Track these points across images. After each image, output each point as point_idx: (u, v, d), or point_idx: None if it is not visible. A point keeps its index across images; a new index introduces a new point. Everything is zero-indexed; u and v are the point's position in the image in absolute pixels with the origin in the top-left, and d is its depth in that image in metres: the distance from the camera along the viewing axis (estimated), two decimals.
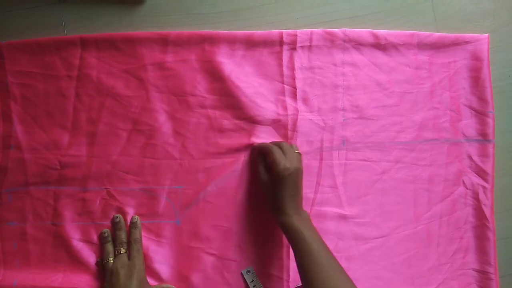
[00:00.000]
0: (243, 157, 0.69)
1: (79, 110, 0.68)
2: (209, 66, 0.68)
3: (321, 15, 0.71)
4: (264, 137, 0.69)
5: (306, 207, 0.69)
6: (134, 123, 0.68)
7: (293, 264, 0.68)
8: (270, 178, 0.63)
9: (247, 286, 0.67)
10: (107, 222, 0.67)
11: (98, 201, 0.68)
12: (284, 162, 0.61)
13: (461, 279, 0.71)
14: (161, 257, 0.67)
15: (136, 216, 0.67)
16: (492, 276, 0.70)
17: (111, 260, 0.64)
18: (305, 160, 0.69)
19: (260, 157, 0.66)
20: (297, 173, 0.62)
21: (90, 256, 0.67)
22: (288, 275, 0.67)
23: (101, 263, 0.66)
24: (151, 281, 0.66)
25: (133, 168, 0.68)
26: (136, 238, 0.65)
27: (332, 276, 0.55)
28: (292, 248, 0.59)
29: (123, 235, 0.66)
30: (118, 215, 0.67)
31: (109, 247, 0.66)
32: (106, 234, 0.66)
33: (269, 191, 0.63)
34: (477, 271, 0.71)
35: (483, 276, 0.71)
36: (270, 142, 0.66)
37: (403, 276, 0.70)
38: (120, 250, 0.64)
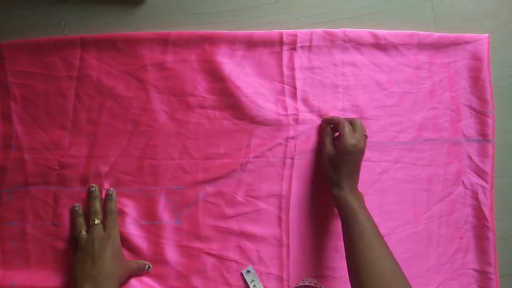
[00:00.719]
0: (242, 157, 0.69)
1: (79, 111, 0.68)
2: (209, 66, 0.68)
3: (321, 15, 0.71)
4: (264, 137, 0.69)
5: (305, 207, 0.69)
6: (134, 124, 0.68)
7: (293, 264, 0.68)
8: (335, 151, 0.63)
9: (247, 286, 0.67)
10: None
11: None
12: (352, 139, 0.61)
13: (461, 279, 0.71)
14: (161, 257, 0.67)
15: (112, 188, 0.66)
16: (492, 276, 0.70)
17: (83, 232, 0.63)
18: (304, 160, 0.69)
19: (329, 129, 0.67)
20: (361, 153, 0.62)
21: None
22: (288, 275, 0.67)
23: (79, 211, 0.65)
24: (155, 280, 0.66)
25: (132, 169, 0.68)
26: (111, 210, 0.65)
27: (384, 257, 0.55)
28: (343, 224, 0.60)
29: (97, 204, 0.65)
30: (94, 184, 0.66)
31: (81, 220, 0.65)
32: (77, 208, 0.66)
33: (331, 164, 0.63)
34: (477, 271, 0.71)
35: (483, 276, 0.71)
36: (344, 118, 0.66)
37: None
38: (94, 220, 0.64)
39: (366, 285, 0.53)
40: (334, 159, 0.63)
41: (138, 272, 0.65)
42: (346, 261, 0.58)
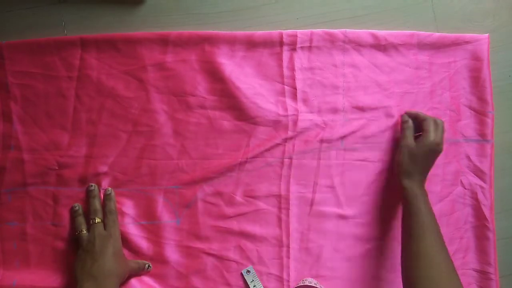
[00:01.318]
0: (241, 158, 0.68)
1: (79, 111, 0.68)
2: (209, 66, 0.68)
3: (321, 15, 0.71)
4: (263, 138, 0.69)
5: (305, 206, 0.69)
6: (134, 124, 0.68)
7: (293, 264, 0.68)
8: (415, 144, 0.64)
9: (247, 286, 0.67)
10: None
11: None
12: (436, 138, 0.63)
13: (461, 279, 0.71)
14: (161, 257, 0.67)
15: (110, 188, 0.66)
16: (492, 276, 0.70)
17: (84, 231, 0.63)
18: (303, 160, 0.69)
19: (411, 122, 0.67)
20: (440, 154, 0.65)
21: None
22: (288, 275, 0.68)
23: (78, 211, 0.65)
24: (155, 279, 0.66)
25: (131, 169, 0.68)
26: (111, 209, 0.65)
27: (440, 251, 0.58)
28: (407, 216, 0.61)
29: (97, 203, 0.65)
30: (93, 184, 0.66)
31: (81, 219, 0.65)
32: (77, 208, 0.66)
33: (409, 155, 0.64)
34: (477, 271, 0.71)
35: (483, 276, 0.71)
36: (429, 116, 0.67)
37: None
38: (95, 219, 0.64)
39: (422, 279, 0.55)
40: (415, 152, 0.64)
41: (139, 272, 0.66)
42: (402, 252, 0.60)
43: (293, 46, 0.69)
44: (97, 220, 0.64)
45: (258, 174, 0.69)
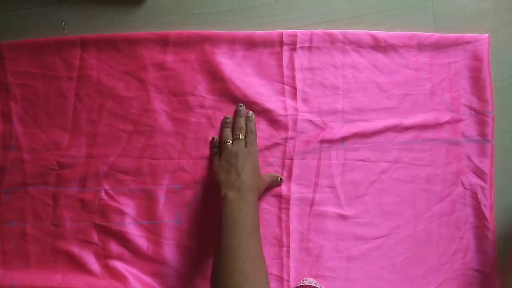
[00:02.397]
0: None
1: (79, 111, 0.68)
2: (209, 66, 0.68)
3: (321, 15, 0.71)
4: (263, 137, 0.69)
5: (305, 206, 0.69)
6: (134, 124, 0.68)
7: (293, 264, 0.68)
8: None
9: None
10: (107, 223, 0.67)
11: (96, 202, 0.68)
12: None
13: (461, 279, 0.71)
14: (161, 257, 0.67)
15: (251, 111, 0.69)
16: (492, 276, 0.70)
17: (230, 142, 0.66)
18: (303, 160, 0.69)
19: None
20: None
21: (89, 256, 0.67)
22: (288, 275, 0.67)
23: (216, 143, 0.68)
24: (155, 279, 0.66)
25: (131, 168, 0.68)
26: (252, 129, 0.67)
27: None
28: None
29: (242, 122, 0.68)
30: (241, 104, 0.69)
31: (229, 131, 0.68)
32: (228, 120, 0.69)
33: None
34: (477, 271, 0.71)
35: (483, 276, 0.71)
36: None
37: (403, 276, 0.70)
38: (239, 135, 0.66)
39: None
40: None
41: (273, 185, 0.68)
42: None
43: (293, 46, 0.69)
44: (241, 136, 0.66)
45: None
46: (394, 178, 0.71)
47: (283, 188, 0.69)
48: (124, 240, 0.67)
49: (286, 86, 0.70)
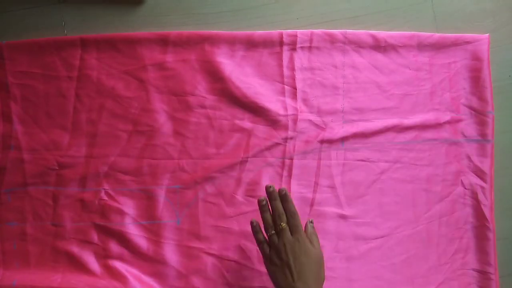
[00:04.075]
0: (241, 157, 0.68)
1: (79, 111, 0.68)
2: (209, 66, 0.68)
3: (321, 15, 0.71)
4: (263, 137, 0.69)
5: (305, 207, 0.69)
6: (134, 124, 0.68)
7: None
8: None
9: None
10: (107, 223, 0.67)
11: (96, 202, 0.68)
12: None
13: (461, 279, 0.71)
14: (161, 257, 0.67)
15: (284, 188, 0.60)
16: (492, 276, 0.70)
17: (273, 233, 0.59)
18: (303, 160, 0.69)
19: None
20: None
21: (89, 256, 0.67)
22: None
23: (257, 227, 0.61)
24: (155, 279, 0.66)
25: (131, 168, 0.68)
26: (291, 211, 0.59)
27: None
28: None
29: (279, 206, 0.60)
30: (271, 185, 0.61)
31: (268, 217, 0.60)
32: (264, 202, 0.61)
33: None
34: (477, 271, 0.71)
35: (483, 276, 0.71)
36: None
37: (403, 276, 0.70)
38: (281, 224, 0.59)
39: None
40: None
41: None
42: None
43: (293, 46, 0.69)
44: (283, 224, 0.59)
45: (259, 174, 0.69)
46: (394, 178, 0.71)
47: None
48: (124, 240, 0.67)
49: (286, 86, 0.70)
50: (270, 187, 0.61)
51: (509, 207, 0.73)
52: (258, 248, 0.61)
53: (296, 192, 0.69)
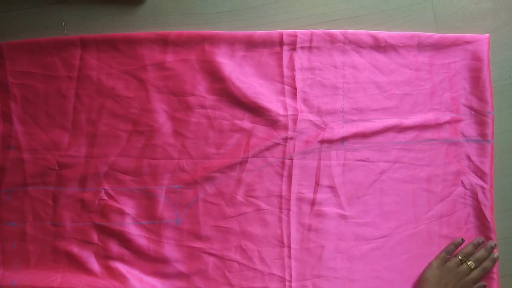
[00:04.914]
0: (241, 158, 0.68)
1: (79, 111, 0.68)
2: (209, 66, 0.68)
3: (321, 15, 0.72)
4: (263, 137, 0.69)
5: (306, 207, 0.69)
6: (134, 124, 0.68)
7: (294, 264, 0.68)
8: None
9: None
10: (107, 223, 0.67)
11: (96, 202, 0.68)
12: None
13: None
14: (161, 257, 0.67)
15: (497, 254, 0.69)
16: (494, 276, 0.70)
17: (461, 260, 0.68)
18: (304, 161, 0.69)
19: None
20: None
21: (89, 256, 0.67)
22: (290, 275, 0.67)
23: (455, 247, 0.70)
24: (155, 279, 0.66)
25: (131, 168, 0.68)
26: (486, 268, 0.68)
27: None
28: None
29: (483, 255, 0.68)
30: (494, 242, 0.70)
31: (472, 249, 0.69)
32: (480, 241, 0.70)
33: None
34: None
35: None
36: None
37: (404, 276, 0.70)
38: (471, 264, 0.68)
39: None
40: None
41: None
42: None
43: (293, 46, 0.69)
44: (472, 265, 0.68)
45: (259, 174, 0.69)
46: (394, 178, 0.71)
47: (284, 188, 0.69)
48: (124, 240, 0.67)
49: (286, 86, 0.70)
50: (494, 242, 0.69)
51: (509, 207, 0.73)
52: (445, 247, 0.70)
53: (297, 192, 0.69)
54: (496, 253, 0.69)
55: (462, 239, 0.70)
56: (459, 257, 0.68)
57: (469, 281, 0.67)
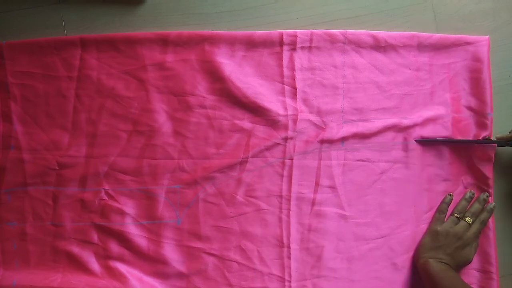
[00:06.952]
0: (241, 158, 0.68)
1: (79, 111, 0.68)
2: (209, 66, 0.68)
3: (321, 15, 0.72)
4: (263, 137, 0.69)
5: (306, 207, 0.69)
6: (134, 124, 0.68)
7: (294, 265, 0.68)
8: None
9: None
10: (107, 223, 0.67)
11: (97, 202, 0.68)
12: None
13: (462, 278, 0.71)
14: (161, 257, 0.67)
15: (494, 204, 0.70)
16: (493, 276, 0.70)
17: (457, 217, 0.69)
18: (304, 161, 0.69)
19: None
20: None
21: (89, 257, 0.67)
22: (290, 276, 0.67)
23: (448, 201, 0.70)
24: (155, 279, 0.66)
25: (131, 168, 0.68)
26: (483, 221, 0.68)
27: None
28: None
29: (478, 208, 0.69)
30: (487, 193, 0.70)
31: (465, 204, 0.70)
32: (471, 194, 0.70)
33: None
34: (478, 270, 0.71)
35: (484, 276, 0.70)
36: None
37: (404, 277, 0.70)
38: (469, 219, 0.68)
39: None
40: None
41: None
42: None
43: (293, 46, 0.69)
44: (470, 220, 0.68)
45: (259, 174, 0.69)
46: (394, 178, 0.71)
47: (284, 188, 0.69)
48: (124, 240, 0.67)
49: (286, 86, 0.70)
50: (486, 194, 0.70)
51: (509, 207, 0.73)
52: (438, 207, 0.71)
53: (297, 192, 0.69)
54: (491, 203, 0.69)
55: (451, 195, 0.70)
56: (455, 214, 0.69)
57: (471, 236, 0.67)
